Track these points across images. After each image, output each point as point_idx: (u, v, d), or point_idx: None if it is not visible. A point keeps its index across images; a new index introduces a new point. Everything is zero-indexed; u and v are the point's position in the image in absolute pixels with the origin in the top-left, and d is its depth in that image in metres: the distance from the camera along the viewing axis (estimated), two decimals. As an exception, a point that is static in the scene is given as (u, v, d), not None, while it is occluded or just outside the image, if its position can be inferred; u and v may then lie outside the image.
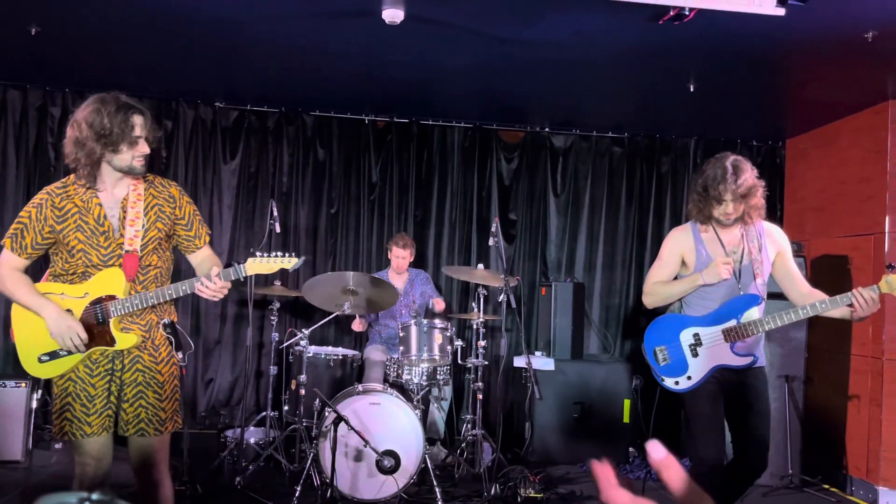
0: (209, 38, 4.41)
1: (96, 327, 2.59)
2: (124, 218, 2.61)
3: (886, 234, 4.89)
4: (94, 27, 4.32)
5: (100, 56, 4.85)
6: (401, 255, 5.40)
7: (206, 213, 5.95)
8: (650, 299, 3.36)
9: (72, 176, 2.63)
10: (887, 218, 4.90)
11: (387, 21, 3.78)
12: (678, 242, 3.35)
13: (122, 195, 2.63)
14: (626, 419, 5.49)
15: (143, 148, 2.57)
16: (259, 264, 2.67)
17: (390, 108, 6.05)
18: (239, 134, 6.02)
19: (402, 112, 6.10)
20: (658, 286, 3.33)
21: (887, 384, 4.81)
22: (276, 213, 4.50)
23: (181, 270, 3.41)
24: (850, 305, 2.95)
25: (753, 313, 3.15)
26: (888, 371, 4.82)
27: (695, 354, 3.23)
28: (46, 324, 2.56)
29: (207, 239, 2.83)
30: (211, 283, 2.58)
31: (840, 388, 5.20)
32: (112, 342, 2.59)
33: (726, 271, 3.12)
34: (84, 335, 2.55)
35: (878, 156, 5.03)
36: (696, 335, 3.23)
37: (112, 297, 2.58)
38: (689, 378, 3.25)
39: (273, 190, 6.02)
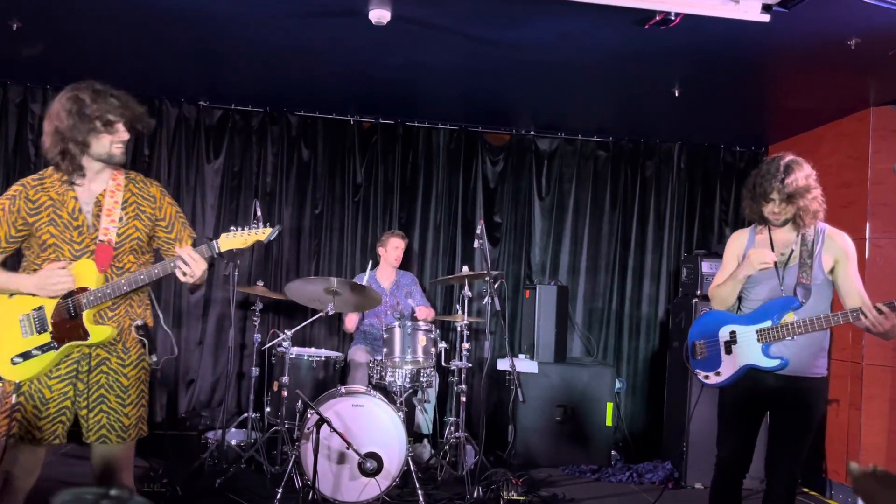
0: (194, 36, 4.38)
1: (69, 322, 2.50)
2: (99, 212, 2.55)
3: (867, 240, 4.93)
4: (76, 23, 4.28)
5: (82, 52, 4.80)
6: (400, 246, 5.43)
7: (189, 213, 5.90)
8: (713, 303, 3.34)
9: (49, 169, 2.57)
10: (868, 224, 4.95)
11: (373, 21, 3.76)
12: (734, 244, 3.34)
13: (98, 190, 2.58)
14: (609, 422, 5.50)
15: (123, 134, 2.53)
16: (232, 239, 2.59)
17: (376, 109, 6.03)
18: (223, 133, 5.97)
19: (387, 113, 6.09)
20: (715, 290, 3.31)
21: (866, 388, 4.86)
22: (259, 213, 4.47)
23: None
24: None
25: (790, 316, 3.08)
26: (867, 375, 4.86)
27: (728, 352, 3.22)
28: (33, 291, 2.49)
29: (189, 242, 2.72)
30: (185, 258, 2.49)
31: (820, 392, 5.24)
32: (85, 335, 2.50)
33: (758, 260, 3.05)
34: (70, 276, 2.47)
35: (858, 162, 5.08)
36: (732, 333, 3.21)
37: (84, 290, 2.50)
38: (718, 374, 3.26)
39: (257, 190, 5.98)
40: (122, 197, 2.58)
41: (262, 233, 2.62)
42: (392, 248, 5.43)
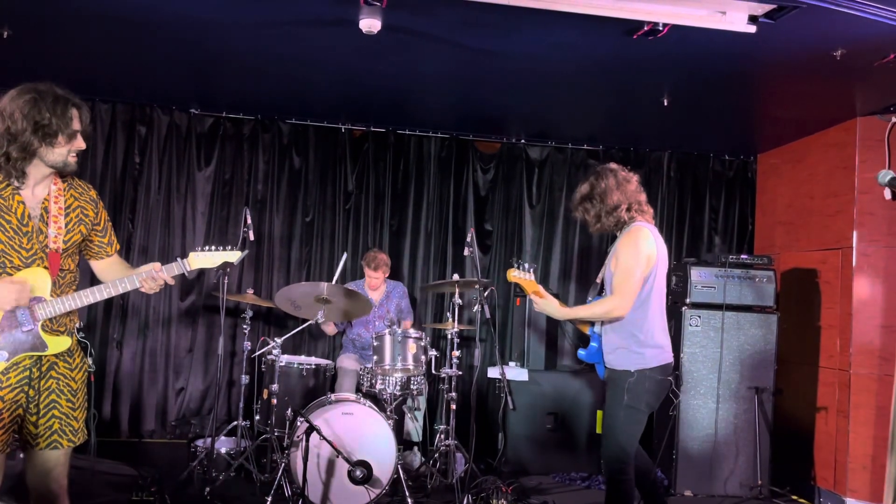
0: (185, 43, 4.38)
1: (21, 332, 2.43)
2: (47, 217, 2.47)
3: (854, 248, 4.98)
4: (68, 31, 4.28)
5: (73, 60, 4.80)
6: (373, 276, 5.38)
7: (180, 220, 5.90)
8: None
9: None
10: (854, 232, 4.99)
11: (364, 30, 3.78)
12: None
13: (42, 195, 2.49)
14: (599, 430, 5.50)
15: (80, 143, 2.47)
16: (202, 259, 2.65)
17: (367, 117, 6.04)
18: (214, 141, 5.97)
19: (379, 121, 6.10)
20: None
21: (854, 396, 4.89)
22: (249, 221, 4.47)
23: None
24: None
25: None
26: (855, 383, 4.89)
27: None
28: None
29: (118, 247, 2.75)
30: (157, 276, 2.55)
31: (808, 399, 5.27)
32: (42, 347, 2.44)
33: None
34: (27, 285, 2.38)
35: (845, 171, 5.12)
36: None
37: (37, 299, 2.43)
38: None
39: (248, 198, 5.97)
40: (64, 202, 2.53)
41: (232, 255, 2.68)
42: (367, 278, 5.42)
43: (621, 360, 3.33)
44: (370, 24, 3.74)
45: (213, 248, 2.69)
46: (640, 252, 3.26)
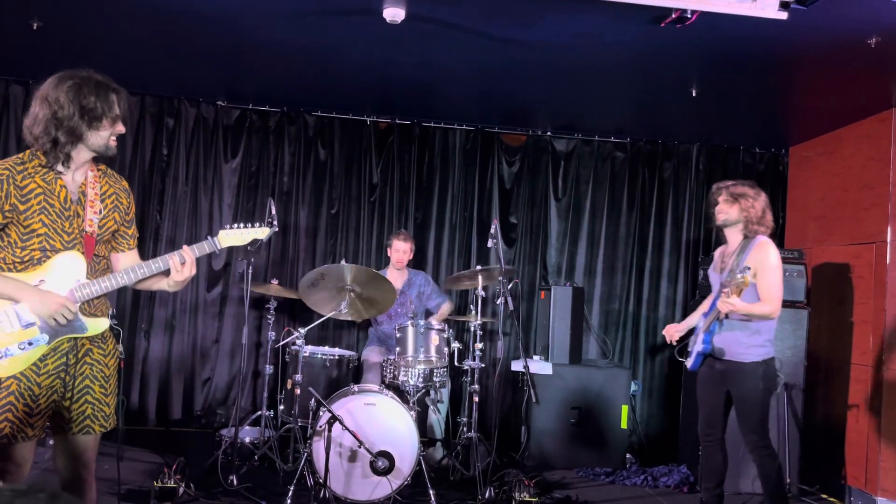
0: (212, 36, 4.41)
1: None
2: (84, 201, 2.53)
3: (888, 243, 4.85)
4: (96, 23, 4.33)
5: (102, 52, 4.84)
6: (401, 249, 5.37)
7: (206, 212, 5.95)
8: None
9: (28, 153, 2.48)
10: (889, 226, 4.86)
11: (387, 20, 3.77)
12: None
13: (80, 180, 2.54)
14: (624, 425, 5.46)
15: (121, 127, 2.54)
16: (232, 236, 2.70)
17: (392, 110, 6.04)
18: (240, 133, 6.01)
19: (404, 113, 6.10)
20: None
21: (887, 394, 4.77)
22: (274, 212, 4.46)
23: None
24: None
25: None
26: (888, 380, 4.77)
27: None
28: (30, 307, 2.38)
29: (136, 242, 2.75)
30: (187, 257, 2.57)
31: (840, 396, 5.16)
32: (81, 329, 2.49)
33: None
34: (73, 305, 2.42)
35: (880, 164, 5.00)
36: None
37: (75, 281, 2.48)
38: None
39: (273, 189, 6.01)
40: (100, 188, 2.58)
41: (261, 231, 2.73)
42: (393, 251, 5.41)
43: (751, 353, 3.78)
44: (394, 13, 3.72)
45: (242, 225, 2.74)
46: (780, 264, 3.81)
